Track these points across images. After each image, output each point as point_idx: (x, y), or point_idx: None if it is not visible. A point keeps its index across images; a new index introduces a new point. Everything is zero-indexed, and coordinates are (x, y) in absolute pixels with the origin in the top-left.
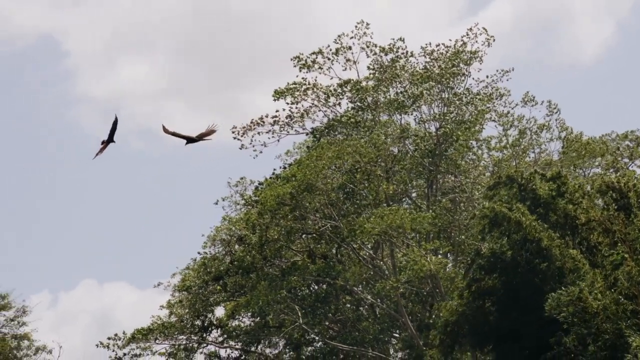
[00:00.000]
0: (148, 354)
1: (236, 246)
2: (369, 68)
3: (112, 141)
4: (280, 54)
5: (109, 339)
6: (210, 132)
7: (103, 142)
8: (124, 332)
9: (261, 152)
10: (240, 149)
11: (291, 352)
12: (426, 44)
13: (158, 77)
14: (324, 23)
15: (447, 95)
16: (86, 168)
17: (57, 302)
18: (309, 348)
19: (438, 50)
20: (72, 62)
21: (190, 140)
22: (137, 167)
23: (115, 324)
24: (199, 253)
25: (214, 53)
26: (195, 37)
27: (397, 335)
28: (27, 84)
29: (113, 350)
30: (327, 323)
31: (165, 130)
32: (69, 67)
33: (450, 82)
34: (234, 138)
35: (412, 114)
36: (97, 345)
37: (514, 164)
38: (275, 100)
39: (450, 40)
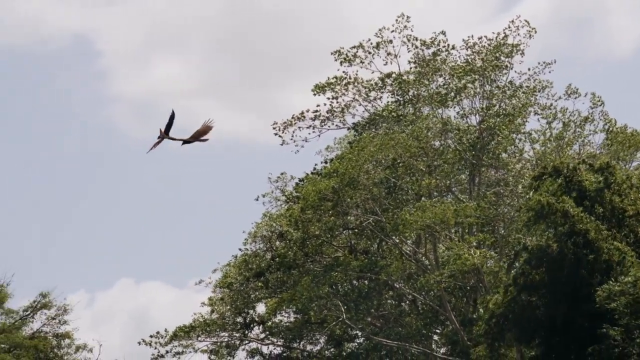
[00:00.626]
0: (190, 352)
1: (277, 242)
2: (410, 62)
3: (167, 136)
4: (313, 51)
5: (151, 336)
6: (206, 130)
7: (159, 137)
8: (165, 330)
9: (302, 146)
10: (282, 145)
11: (332, 349)
12: (468, 37)
13: (191, 75)
14: (355, 20)
15: (489, 88)
16: (122, 167)
17: (94, 302)
18: (351, 344)
19: (480, 42)
20: (106, 61)
21: (185, 141)
22: (173, 165)
23: (152, 323)
24: (240, 250)
25: (247, 51)
26: (228, 35)
27: (439, 330)
28: (62, 84)
29: (155, 348)
30: (369, 319)
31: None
32: (103, 66)
33: (493, 75)
34: (275, 134)
35: (454, 108)
36: (139, 343)
37: (557, 157)
38: (315, 94)
39: (494, 33)
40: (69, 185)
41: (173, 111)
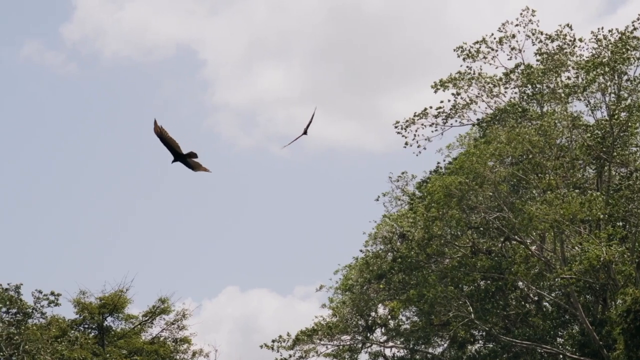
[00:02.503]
0: (313, 356)
1: (398, 243)
2: (536, 54)
3: (305, 134)
4: (416, 57)
5: (273, 341)
6: (198, 166)
7: (303, 134)
8: (288, 334)
9: (425, 148)
10: (405, 147)
11: (455, 351)
12: (598, 29)
13: (294, 83)
14: (458, 24)
15: (619, 82)
16: (227, 176)
17: (200, 310)
18: (474, 346)
19: (611, 34)
20: (210, 71)
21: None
22: (276, 173)
23: (259, 331)
24: (360, 251)
25: (350, 58)
26: (331, 42)
27: (568, 331)
28: (166, 94)
29: (278, 351)
30: (494, 319)
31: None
32: (206, 76)
33: (623, 68)
34: (397, 133)
35: (583, 101)
36: (260, 347)
37: None
38: (435, 91)
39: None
40: (174, 195)
41: (315, 109)
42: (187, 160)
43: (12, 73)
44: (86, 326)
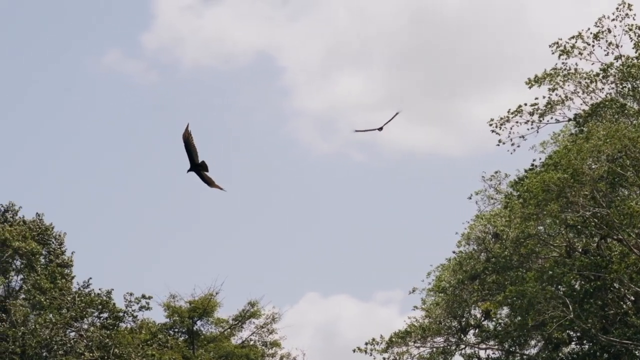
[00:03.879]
0: (407, 358)
1: (492, 243)
2: (634, 48)
3: (380, 129)
4: (497, 61)
5: (366, 344)
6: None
7: (379, 128)
8: (381, 336)
9: (519, 146)
10: (498, 145)
11: (550, 352)
12: None
13: (373, 89)
14: (540, 28)
15: None
16: (306, 182)
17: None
18: (569, 348)
19: None
20: (288, 77)
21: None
22: (353, 179)
23: (339, 336)
24: (453, 252)
25: (430, 63)
26: (411, 47)
27: None
28: (245, 101)
29: (371, 355)
30: (590, 320)
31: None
32: (285, 83)
33: None
34: (492, 131)
35: None
36: (353, 351)
37: None
38: (530, 87)
39: None
40: (251, 199)
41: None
42: (203, 173)
43: (94, 82)
44: (176, 330)
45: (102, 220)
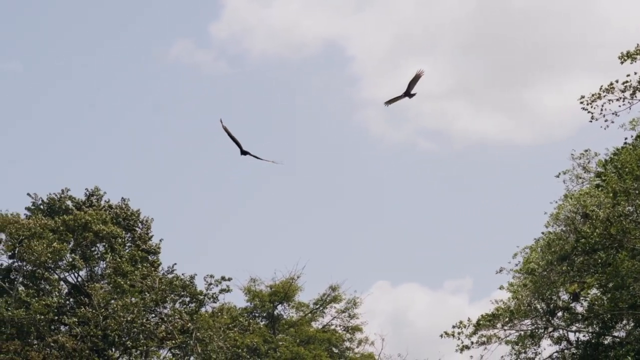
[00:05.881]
0: (495, 342)
1: (581, 223)
2: None
3: (409, 95)
4: (564, 49)
5: (453, 327)
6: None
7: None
8: (468, 319)
9: (612, 122)
10: (591, 121)
11: None
12: None
13: (442, 77)
14: (607, 14)
15: None
16: (376, 171)
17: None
18: None
19: None
20: (357, 66)
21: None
22: (426, 167)
23: (409, 325)
24: (542, 233)
25: (498, 51)
26: (479, 35)
27: None
28: (315, 90)
29: (459, 339)
30: None
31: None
32: (354, 72)
33: None
34: (583, 109)
35: None
36: (440, 336)
37: None
38: (622, 62)
39: None
40: (320, 189)
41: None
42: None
43: (163, 72)
44: (256, 314)
45: (184, 207)
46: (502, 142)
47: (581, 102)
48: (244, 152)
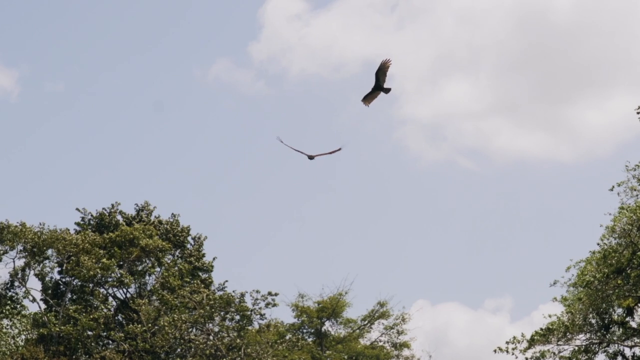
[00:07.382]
0: (550, 357)
1: (637, 236)
2: None
3: (384, 90)
4: (607, 66)
5: (507, 343)
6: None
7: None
8: (522, 334)
9: None
10: None
11: None
12: None
13: (482, 95)
14: None
15: None
16: (415, 189)
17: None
18: None
19: None
20: (397, 85)
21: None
22: (466, 185)
23: (449, 344)
24: (598, 244)
25: (538, 68)
26: (519, 53)
27: None
28: (354, 108)
29: (513, 354)
30: None
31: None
32: (393, 90)
33: None
34: None
35: None
36: (494, 351)
37: None
38: None
39: None
40: (362, 205)
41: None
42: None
43: (203, 91)
44: (304, 330)
45: (233, 225)
46: (543, 159)
47: (638, 112)
48: (311, 157)
